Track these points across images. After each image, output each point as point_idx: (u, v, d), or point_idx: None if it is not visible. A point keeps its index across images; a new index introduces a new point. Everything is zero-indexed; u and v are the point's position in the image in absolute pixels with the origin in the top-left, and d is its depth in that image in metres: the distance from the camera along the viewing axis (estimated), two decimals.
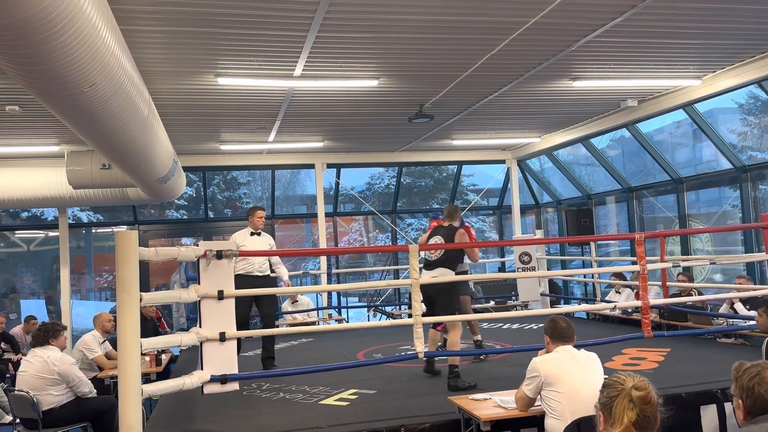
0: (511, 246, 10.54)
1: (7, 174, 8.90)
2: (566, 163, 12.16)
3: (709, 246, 9.83)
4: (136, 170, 7.03)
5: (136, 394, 3.61)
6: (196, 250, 4.18)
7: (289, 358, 7.12)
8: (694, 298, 7.00)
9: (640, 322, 5.25)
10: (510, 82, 7.15)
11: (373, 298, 12.24)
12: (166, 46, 5.43)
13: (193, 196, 15.64)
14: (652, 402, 2.22)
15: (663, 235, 6.38)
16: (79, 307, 12.29)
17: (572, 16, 5.21)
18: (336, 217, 12.32)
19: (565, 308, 8.60)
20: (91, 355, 6.45)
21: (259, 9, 4.73)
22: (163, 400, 5.36)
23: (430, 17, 5.09)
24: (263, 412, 4.91)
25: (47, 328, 5.48)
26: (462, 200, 15.73)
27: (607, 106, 8.83)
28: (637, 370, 5.46)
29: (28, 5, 2.82)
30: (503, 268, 12.63)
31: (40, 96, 4.18)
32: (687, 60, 6.77)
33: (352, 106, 7.92)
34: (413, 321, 4.65)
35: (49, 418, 5.22)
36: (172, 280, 9.64)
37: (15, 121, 7.46)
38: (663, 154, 9.89)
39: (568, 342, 3.63)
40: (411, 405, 4.73)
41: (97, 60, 3.80)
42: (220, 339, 4.20)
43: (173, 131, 8.29)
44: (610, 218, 12.32)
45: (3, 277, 12.32)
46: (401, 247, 5.68)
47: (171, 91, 6.76)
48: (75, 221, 13.23)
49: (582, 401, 3.28)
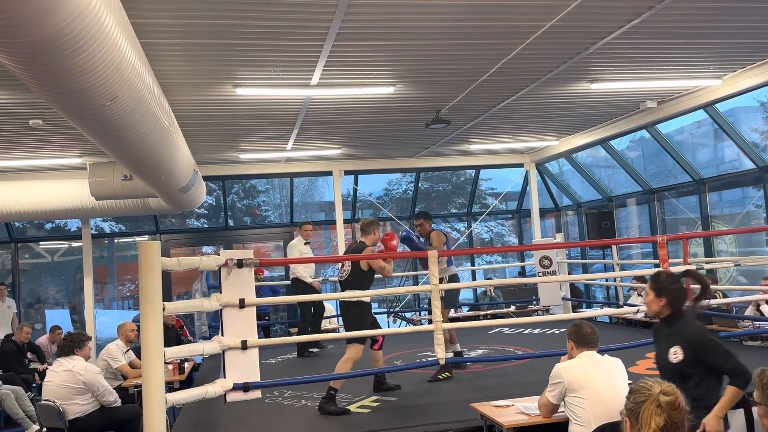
0: (532, 250, 10.47)
1: (32, 186, 9.06)
2: (585, 166, 12.07)
3: (732, 247, 9.69)
4: (157, 181, 7.11)
5: (160, 402, 3.65)
6: (217, 260, 4.21)
7: (311, 365, 7.14)
8: (719, 300, 6.90)
9: None
10: (527, 86, 7.12)
11: (392, 304, 12.22)
12: (185, 58, 5.50)
13: (213, 204, 15.79)
14: (681, 408, 2.19)
15: (686, 237, 6.30)
16: (103, 317, 12.45)
17: (589, 18, 5.18)
18: (354, 223, 12.34)
19: (588, 312, 8.52)
20: (115, 365, 6.52)
21: (276, 20, 4.77)
22: (186, 409, 5.40)
23: (446, 23, 5.09)
24: (286, 419, 4.93)
25: (72, 338, 5.56)
26: (480, 204, 15.68)
27: (625, 108, 8.75)
28: None
29: (50, 23, 2.87)
30: (523, 272, 12.56)
31: (63, 110, 4.25)
32: (706, 60, 6.69)
33: (369, 113, 7.94)
34: (433, 327, 4.64)
35: (75, 427, 5.29)
36: (194, 288, 9.73)
37: (39, 135, 7.59)
38: (684, 154, 9.78)
39: (593, 348, 3.59)
40: (433, 412, 4.71)
41: (118, 74, 3.86)
42: (242, 347, 4.23)
43: (193, 141, 8.38)
44: (631, 220, 12.20)
45: (28, 288, 12.52)
46: (420, 253, 5.67)
47: (190, 102, 6.84)
48: (98, 232, 13.41)
49: (606, 407, 3.25)
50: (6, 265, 11.34)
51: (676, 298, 3.33)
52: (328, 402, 4.95)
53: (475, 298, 12.31)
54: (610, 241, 9.57)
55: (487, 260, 16.74)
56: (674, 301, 3.33)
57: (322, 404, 4.96)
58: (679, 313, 3.34)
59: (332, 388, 4.99)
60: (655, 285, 3.38)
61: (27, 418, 6.93)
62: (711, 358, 3.13)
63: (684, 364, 3.20)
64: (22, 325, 8.69)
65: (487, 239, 17.37)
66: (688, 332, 3.24)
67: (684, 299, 3.35)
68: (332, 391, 4.98)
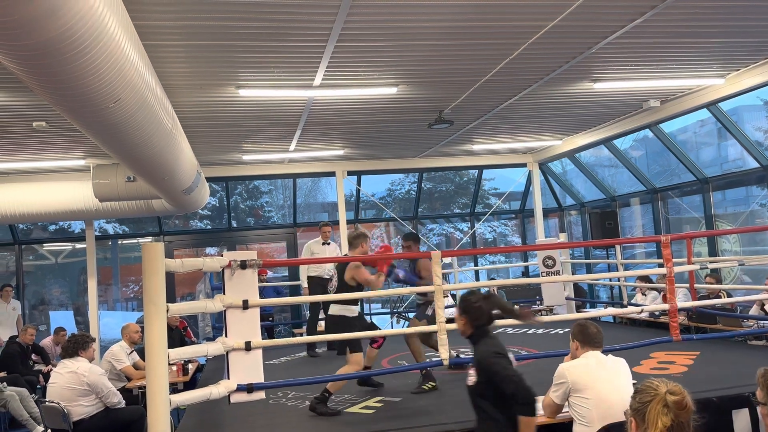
0: (535, 250, 10.46)
1: (35, 188, 9.08)
2: (589, 165, 12.05)
3: (737, 246, 9.66)
4: (161, 182, 7.12)
5: (165, 404, 3.65)
6: (220, 261, 4.21)
7: (315, 366, 7.14)
8: (723, 300, 6.88)
9: (667, 325, 5.18)
10: (530, 86, 7.11)
11: (396, 304, 12.21)
12: (188, 60, 5.50)
13: (217, 206, 15.81)
14: (687, 407, 2.18)
15: (689, 237, 6.29)
16: (107, 318, 12.47)
17: (592, 18, 5.17)
18: (357, 224, 12.34)
19: (592, 312, 8.50)
20: (119, 366, 6.53)
21: (278, 21, 4.77)
22: (190, 410, 5.40)
23: (449, 23, 5.09)
24: (290, 420, 4.93)
25: (77, 339, 5.57)
26: (484, 204, 15.66)
27: (629, 108, 8.74)
28: (666, 374, 5.37)
29: (53, 26, 2.88)
30: (527, 272, 12.54)
31: (66, 112, 4.26)
32: (710, 59, 6.68)
33: (371, 114, 7.94)
34: (437, 328, 4.64)
35: (79, 428, 5.30)
36: (198, 289, 9.75)
37: (42, 137, 7.62)
38: (687, 153, 9.76)
39: (597, 348, 3.58)
40: (437, 412, 4.71)
41: (121, 76, 3.87)
42: (245, 348, 4.23)
43: (196, 143, 8.39)
44: (634, 220, 12.18)
45: (32, 290, 12.54)
46: (424, 253, 5.66)
47: (193, 104, 6.85)
48: (101, 233, 13.44)
49: (611, 407, 3.24)
50: (10, 267, 11.37)
51: (475, 317, 3.16)
52: (320, 403, 4.95)
53: None
54: (613, 240, 9.54)
55: (490, 260, 16.72)
56: (474, 319, 3.16)
57: (314, 404, 4.97)
58: (480, 333, 3.16)
59: (327, 391, 4.98)
60: (461, 303, 3.25)
61: (32, 419, 6.95)
62: (497, 381, 2.97)
63: (477, 385, 3.07)
64: (27, 326, 8.70)
65: (491, 239, 17.36)
66: (477, 353, 3.11)
67: (484, 318, 3.16)
68: (327, 393, 4.97)
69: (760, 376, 2.36)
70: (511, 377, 2.95)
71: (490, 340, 3.14)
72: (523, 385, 2.93)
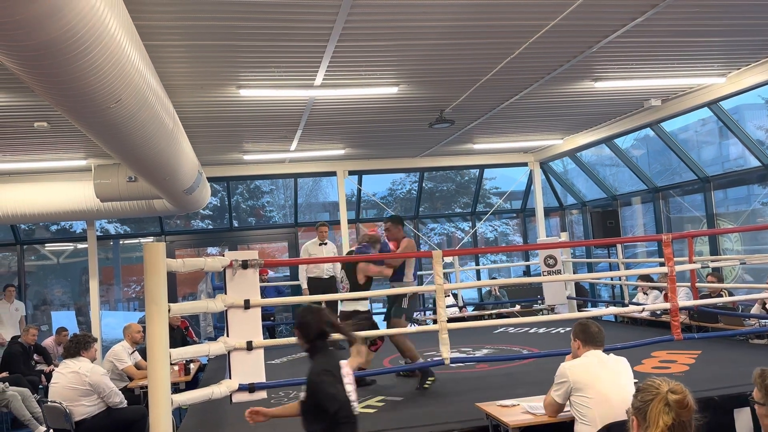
0: (536, 249, 10.45)
1: (37, 189, 9.09)
2: (590, 164, 12.04)
3: (738, 245, 9.65)
4: (162, 182, 7.12)
5: (166, 403, 3.66)
6: (222, 261, 4.22)
7: None
8: (725, 299, 6.88)
9: (669, 324, 5.18)
10: (531, 85, 7.11)
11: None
12: (189, 60, 5.51)
13: (218, 205, 15.83)
14: (689, 406, 2.18)
15: (691, 236, 6.29)
16: (108, 318, 12.49)
17: (592, 17, 5.17)
18: (359, 223, 12.34)
19: (593, 311, 8.51)
20: (121, 366, 6.54)
21: (279, 21, 4.78)
22: (192, 410, 5.41)
23: (449, 23, 5.09)
24: (291, 420, 4.92)
25: (78, 339, 5.58)
26: (485, 204, 15.66)
27: (630, 106, 8.73)
28: (668, 373, 5.37)
29: (55, 26, 2.88)
30: (528, 271, 12.53)
31: (68, 112, 4.27)
32: (711, 58, 6.67)
33: (372, 114, 7.94)
34: (438, 327, 4.64)
35: (81, 428, 5.31)
36: (199, 289, 9.75)
37: (44, 137, 7.62)
38: (688, 152, 9.75)
39: (599, 347, 3.58)
40: (439, 411, 4.71)
41: (122, 76, 3.87)
42: (247, 348, 4.24)
43: (197, 143, 8.40)
44: (636, 219, 12.17)
45: (34, 290, 12.56)
46: (425, 253, 5.66)
47: (194, 104, 6.86)
48: (103, 233, 13.45)
49: (612, 406, 3.24)
50: (12, 267, 11.38)
51: (304, 331, 3.04)
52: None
53: (479, 298, 12.30)
54: (615, 240, 9.54)
55: (491, 260, 16.73)
56: (304, 334, 3.04)
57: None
58: (316, 348, 3.03)
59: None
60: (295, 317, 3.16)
61: (34, 419, 6.96)
62: (320, 398, 2.83)
63: (305, 404, 2.94)
64: (29, 326, 8.71)
65: (492, 238, 17.37)
66: (309, 369, 2.99)
67: (313, 333, 3.02)
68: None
69: (756, 376, 2.35)
70: (334, 395, 2.82)
71: (323, 357, 3.00)
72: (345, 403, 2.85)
